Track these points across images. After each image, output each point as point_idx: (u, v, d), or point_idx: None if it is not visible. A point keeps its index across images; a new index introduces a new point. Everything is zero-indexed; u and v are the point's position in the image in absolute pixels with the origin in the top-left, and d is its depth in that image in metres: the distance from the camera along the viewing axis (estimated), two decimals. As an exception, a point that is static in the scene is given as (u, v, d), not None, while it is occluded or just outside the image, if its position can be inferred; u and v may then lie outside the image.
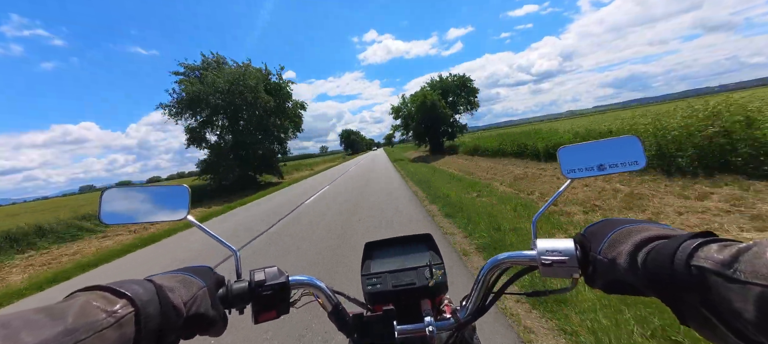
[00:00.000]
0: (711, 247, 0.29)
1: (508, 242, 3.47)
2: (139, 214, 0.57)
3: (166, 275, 0.43)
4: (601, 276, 0.42)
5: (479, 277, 0.56)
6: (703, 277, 0.28)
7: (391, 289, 0.65)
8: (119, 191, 0.57)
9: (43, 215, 11.84)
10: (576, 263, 0.45)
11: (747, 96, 6.29)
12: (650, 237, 0.36)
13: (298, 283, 0.56)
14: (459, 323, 0.57)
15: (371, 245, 0.81)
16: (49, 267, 6.89)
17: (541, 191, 6.15)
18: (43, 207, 25.44)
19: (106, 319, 0.29)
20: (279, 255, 4.35)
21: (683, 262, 0.30)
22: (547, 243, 0.47)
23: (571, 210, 4.61)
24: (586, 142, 0.56)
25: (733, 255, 0.27)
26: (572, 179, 0.57)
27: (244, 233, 6.18)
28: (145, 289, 0.35)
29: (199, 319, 0.41)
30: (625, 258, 0.37)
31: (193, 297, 0.41)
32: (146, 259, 5.71)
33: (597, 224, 0.46)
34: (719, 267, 0.27)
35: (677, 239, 0.32)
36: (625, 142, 0.54)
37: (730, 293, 0.26)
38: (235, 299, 0.50)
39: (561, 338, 1.90)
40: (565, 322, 1.99)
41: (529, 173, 8.43)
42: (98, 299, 0.31)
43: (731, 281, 0.26)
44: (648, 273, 0.34)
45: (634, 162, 0.53)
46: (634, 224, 0.41)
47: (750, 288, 0.24)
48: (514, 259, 0.52)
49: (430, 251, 0.77)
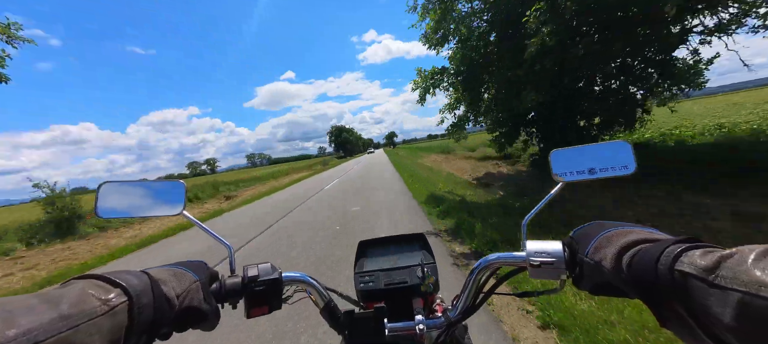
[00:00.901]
0: (694, 253, 0.30)
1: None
2: (135, 208, 0.57)
3: (160, 268, 0.43)
4: (588, 278, 0.42)
5: (470, 277, 0.57)
6: (686, 282, 0.29)
7: (383, 287, 0.65)
8: (116, 185, 0.57)
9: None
10: (564, 265, 0.46)
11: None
12: (636, 241, 0.37)
13: (291, 279, 0.57)
14: (449, 322, 0.57)
15: (365, 243, 0.82)
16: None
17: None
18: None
19: (100, 307, 0.30)
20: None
21: (667, 266, 0.30)
22: (536, 245, 0.48)
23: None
24: (578, 146, 0.57)
25: (715, 261, 0.27)
26: (564, 182, 0.58)
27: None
28: (140, 280, 0.36)
29: (192, 312, 0.42)
30: (611, 261, 0.38)
31: (186, 290, 0.42)
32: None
33: (586, 227, 0.47)
34: (701, 272, 0.27)
35: (662, 243, 0.33)
36: (617, 147, 0.55)
37: (711, 298, 0.26)
38: (228, 294, 0.51)
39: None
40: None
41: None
42: (93, 287, 0.32)
43: (712, 286, 0.26)
44: (632, 276, 0.34)
45: (625, 167, 0.53)
46: (621, 227, 0.42)
47: (730, 294, 0.25)
48: (504, 260, 0.53)
49: (423, 251, 0.78)
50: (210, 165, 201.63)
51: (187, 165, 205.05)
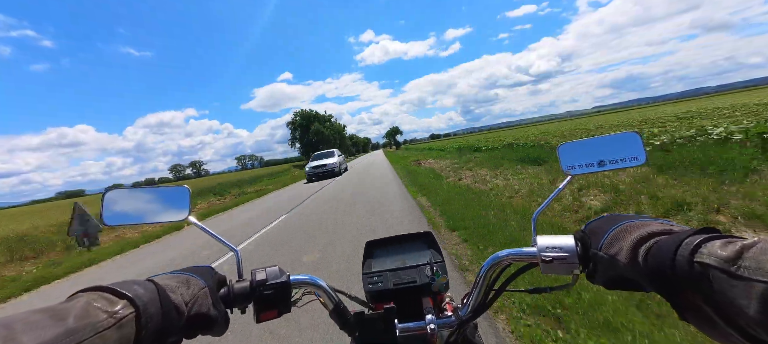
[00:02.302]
0: (714, 243, 0.29)
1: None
2: (141, 215, 0.57)
3: (167, 275, 0.43)
4: (602, 272, 0.42)
5: (480, 275, 0.56)
6: (706, 273, 0.28)
7: (392, 287, 0.65)
8: (121, 192, 0.57)
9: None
10: (576, 259, 0.45)
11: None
12: (652, 233, 0.36)
13: (299, 282, 0.56)
14: (460, 320, 0.57)
15: (372, 244, 0.82)
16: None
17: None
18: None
19: (106, 320, 0.29)
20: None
21: (686, 258, 0.30)
22: (547, 240, 0.47)
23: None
24: (586, 138, 0.57)
25: (737, 251, 0.27)
26: (572, 176, 0.57)
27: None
28: (146, 290, 0.35)
29: (201, 319, 0.41)
30: (626, 254, 0.37)
31: (194, 297, 0.41)
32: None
33: (598, 220, 0.46)
34: (723, 263, 0.27)
35: (680, 235, 0.32)
36: (626, 138, 0.54)
37: (734, 289, 0.26)
38: (237, 298, 0.50)
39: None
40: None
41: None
42: (99, 300, 0.31)
43: (735, 277, 0.26)
44: (649, 269, 0.34)
45: (635, 158, 0.53)
46: (635, 219, 0.41)
47: (754, 285, 0.24)
48: (514, 256, 0.52)
49: (431, 250, 0.77)
50: (195, 168, 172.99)
51: (170, 168, 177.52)
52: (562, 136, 15.54)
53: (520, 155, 10.27)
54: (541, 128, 19.73)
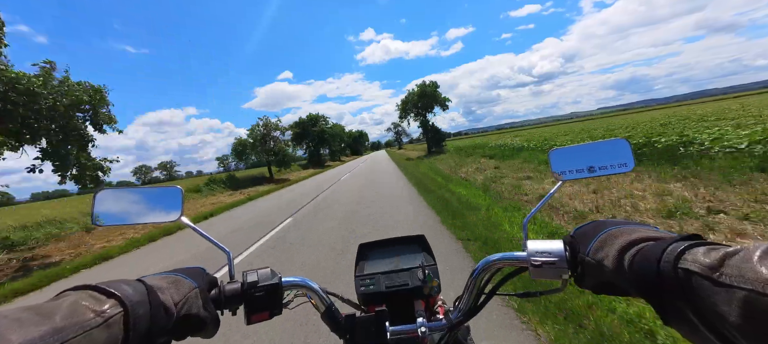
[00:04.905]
0: (698, 250, 0.29)
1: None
2: (132, 215, 0.57)
3: (158, 276, 0.43)
4: (590, 277, 0.42)
5: (471, 278, 0.57)
6: (689, 280, 0.28)
7: (384, 290, 0.65)
8: (112, 192, 0.57)
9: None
10: (565, 264, 0.45)
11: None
12: (637, 239, 0.37)
13: (291, 284, 0.56)
14: (451, 324, 0.57)
15: (365, 246, 0.82)
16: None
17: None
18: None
19: (94, 319, 0.29)
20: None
21: (670, 264, 0.30)
22: (537, 245, 0.48)
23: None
24: (576, 144, 0.57)
25: (720, 259, 0.27)
26: (563, 181, 0.58)
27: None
28: (136, 290, 0.35)
29: (191, 320, 0.41)
30: (612, 260, 0.37)
31: (184, 297, 0.41)
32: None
33: (586, 225, 0.47)
34: (706, 270, 0.27)
35: (664, 241, 0.33)
36: (615, 144, 0.55)
37: (716, 296, 0.26)
38: (228, 300, 0.50)
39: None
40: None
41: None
42: (87, 298, 0.31)
43: (717, 284, 0.26)
44: (634, 275, 0.34)
45: (623, 164, 0.54)
46: (622, 225, 0.42)
47: (735, 292, 0.24)
48: (505, 260, 0.53)
49: (424, 253, 0.77)
50: (166, 170, 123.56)
51: (133, 170, 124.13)
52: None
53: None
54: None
